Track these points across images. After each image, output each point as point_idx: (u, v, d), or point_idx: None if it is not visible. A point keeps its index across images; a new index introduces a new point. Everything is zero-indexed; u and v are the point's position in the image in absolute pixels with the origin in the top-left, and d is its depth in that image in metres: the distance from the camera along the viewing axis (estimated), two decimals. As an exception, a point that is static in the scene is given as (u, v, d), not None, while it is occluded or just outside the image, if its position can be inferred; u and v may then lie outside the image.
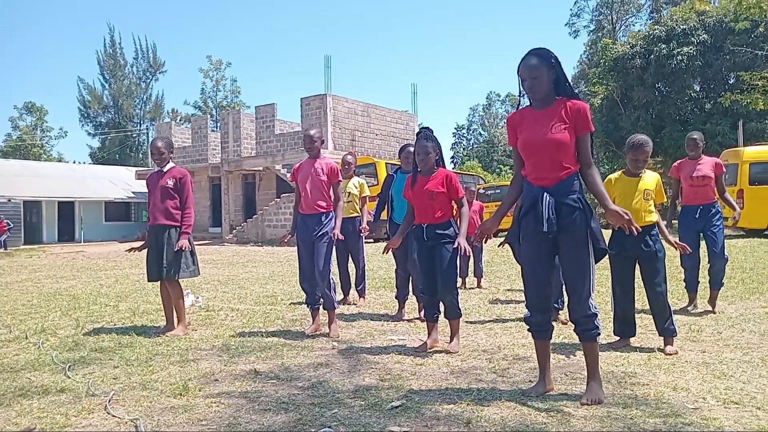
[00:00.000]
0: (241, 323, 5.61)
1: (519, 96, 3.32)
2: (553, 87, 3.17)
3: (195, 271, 5.33)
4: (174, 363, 4.14)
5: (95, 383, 3.66)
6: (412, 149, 5.67)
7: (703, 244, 5.81)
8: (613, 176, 4.54)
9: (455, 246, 4.20)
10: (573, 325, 3.29)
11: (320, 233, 4.92)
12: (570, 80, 3.28)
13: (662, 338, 4.30)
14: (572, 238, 3.12)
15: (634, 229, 3.05)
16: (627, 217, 3.01)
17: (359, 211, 6.73)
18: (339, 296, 6.62)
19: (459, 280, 7.76)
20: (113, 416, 3.06)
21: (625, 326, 4.45)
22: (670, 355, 4.07)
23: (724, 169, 5.76)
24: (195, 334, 5.13)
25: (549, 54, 3.14)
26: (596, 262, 3.19)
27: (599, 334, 3.23)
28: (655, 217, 4.38)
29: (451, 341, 4.39)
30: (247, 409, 3.14)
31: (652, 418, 2.88)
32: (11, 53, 75.17)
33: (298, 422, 2.92)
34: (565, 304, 3.32)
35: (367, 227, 6.57)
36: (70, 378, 3.80)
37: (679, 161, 5.99)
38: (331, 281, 4.99)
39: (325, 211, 4.99)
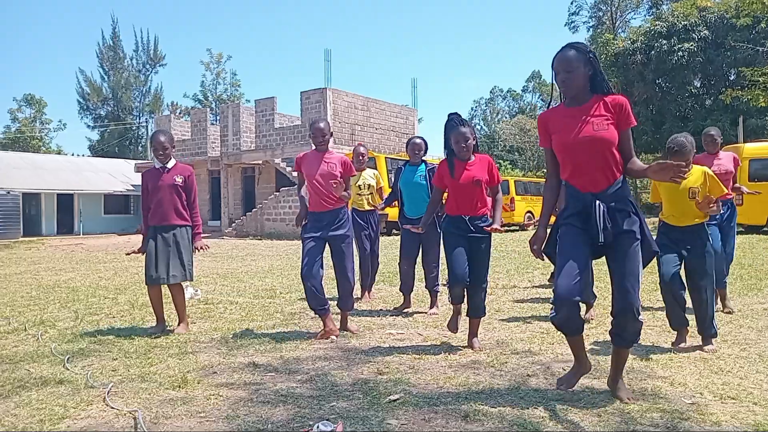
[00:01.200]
0: (240, 316, 5.62)
1: (551, 92, 3.16)
2: (590, 83, 3.01)
3: (192, 275, 5.13)
4: (173, 355, 4.14)
5: (94, 375, 3.67)
6: (418, 140, 5.70)
7: None
8: None
9: (490, 234, 4.18)
10: (614, 332, 3.11)
11: (342, 234, 4.70)
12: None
13: (700, 337, 4.20)
14: (627, 245, 2.95)
15: (681, 169, 2.70)
16: (668, 163, 2.74)
17: (377, 201, 6.53)
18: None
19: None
20: (112, 408, 3.06)
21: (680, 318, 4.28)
22: (708, 352, 4.02)
23: (741, 163, 5.70)
24: (194, 327, 5.14)
25: (586, 48, 3.00)
26: (645, 266, 3.06)
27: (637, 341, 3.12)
28: (703, 218, 4.21)
29: (473, 338, 4.29)
30: (245, 401, 3.15)
31: (649, 412, 2.89)
32: (10, 45, 74.97)
33: (297, 415, 2.93)
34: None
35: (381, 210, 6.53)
36: (69, 370, 3.81)
37: (696, 156, 5.89)
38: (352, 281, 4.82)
39: (340, 206, 4.72)
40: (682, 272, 4.27)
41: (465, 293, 4.26)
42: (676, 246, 4.22)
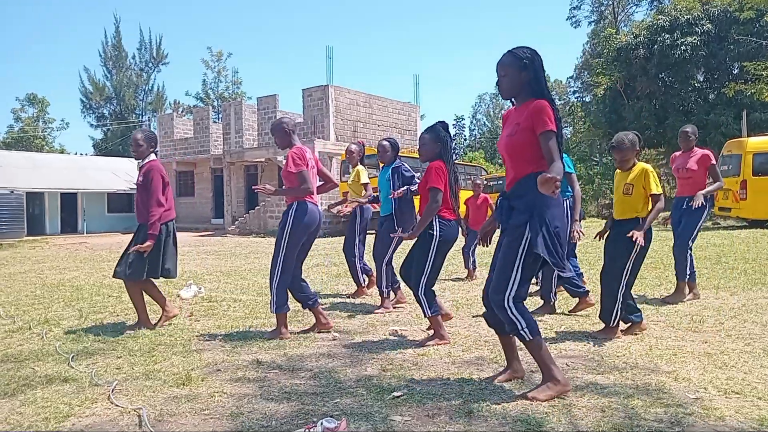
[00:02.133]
0: (243, 314, 5.63)
1: (503, 98, 3.27)
2: (529, 88, 3.06)
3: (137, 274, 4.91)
4: (177, 353, 4.15)
5: (98, 373, 3.68)
6: (384, 142, 5.77)
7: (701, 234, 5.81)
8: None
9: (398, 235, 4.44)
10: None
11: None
12: (573, 70, 3.25)
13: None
14: (509, 237, 3.08)
15: (556, 183, 2.64)
16: (546, 176, 2.65)
17: (358, 197, 6.63)
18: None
19: (465, 271, 7.74)
20: (117, 406, 3.08)
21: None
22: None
23: (713, 161, 5.72)
24: (198, 325, 5.15)
25: (524, 54, 3.03)
26: (534, 270, 3.11)
27: (522, 333, 3.08)
28: (634, 214, 4.33)
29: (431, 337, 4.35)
30: (249, 398, 3.15)
31: (653, 408, 2.89)
32: (13, 45, 75.10)
33: (301, 411, 2.93)
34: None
35: (342, 210, 6.48)
36: (73, 368, 3.82)
37: (673, 154, 6.11)
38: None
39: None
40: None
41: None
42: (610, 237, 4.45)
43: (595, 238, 4.80)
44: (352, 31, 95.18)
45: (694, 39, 24.99)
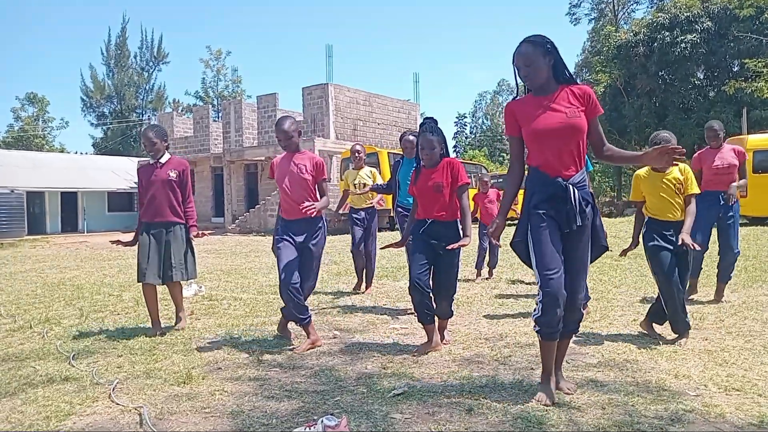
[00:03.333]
0: (244, 312, 5.64)
1: (516, 86, 3.15)
2: (552, 73, 3.04)
3: (194, 272, 4.94)
4: (178, 352, 4.16)
5: (99, 372, 3.69)
6: (411, 137, 5.64)
7: (714, 232, 5.74)
8: (641, 172, 4.34)
9: (458, 245, 3.88)
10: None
11: (313, 243, 4.29)
12: (573, 68, 3.22)
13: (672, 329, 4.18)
14: (583, 235, 3.01)
15: (678, 151, 2.72)
16: (668, 147, 2.77)
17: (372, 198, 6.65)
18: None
19: (475, 270, 7.71)
20: (117, 404, 3.08)
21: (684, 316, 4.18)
22: (673, 344, 4.03)
23: (747, 156, 5.62)
24: (198, 324, 5.16)
25: (544, 40, 3.01)
26: (593, 260, 3.11)
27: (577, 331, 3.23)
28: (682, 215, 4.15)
29: (440, 335, 4.16)
30: (250, 396, 3.16)
31: (653, 405, 2.89)
32: (12, 44, 75.06)
33: (301, 409, 2.94)
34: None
35: (380, 203, 6.55)
36: (74, 367, 3.83)
37: (699, 152, 5.81)
38: None
39: (317, 216, 4.27)
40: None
41: (431, 303, 4.02)
42: (666, 240, 4.14)
43: (621, 255, 4.43)
44: (351, 29, 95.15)
45: (694, 36, 24.95)
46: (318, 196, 4.33)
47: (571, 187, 2.95)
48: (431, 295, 4.04)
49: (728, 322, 4.68)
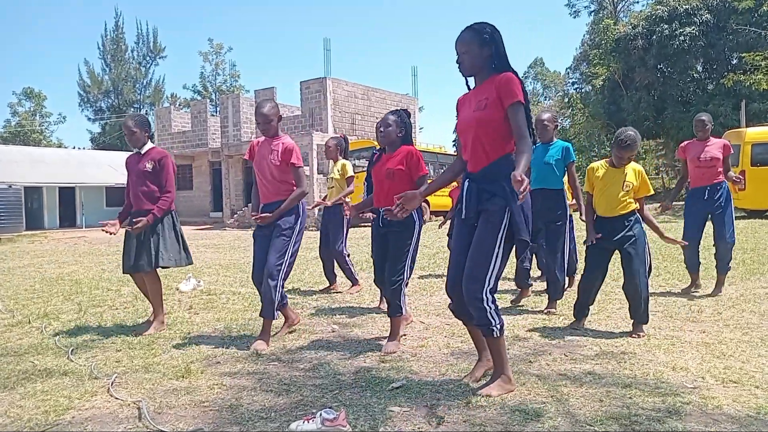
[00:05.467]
0: (242, 306, 5.64)
1: (465, 79, 3.08)
2: (490, 64, 2.96)
3: (182, 259, 4.73)
4: (176, 346, 4.16)
5: (98, 366, 3.69)
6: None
7: (708, 225, 5.77)
8: (596, 165, 4.39)
9: (413, 235, 3.85)
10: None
11: (280, 222, 4.15)
12: (572, 61, 3.14)
13: (632, 322, 4.24)
14: (485, 223, 2.92)
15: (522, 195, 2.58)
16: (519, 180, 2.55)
17: (337, 195, 6.27)
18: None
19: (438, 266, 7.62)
20: (116, 398, 3.08)
21: (584, 308, 4.48)
22: (636, 338, 4.05)
23: (732, 151, 5.68)
24: (197, 318, 5.16)
25: (483, 28, 2.93)
26: (520, 254, 3.06)
27: (493, 330, 2.95)
28: (634, 205, 4.26)
29: (389, 339, 3.97)
30: (249, 390, 3.16)
31: (651, 397, 2.90)
32: (8, 38, 74.74)
33: (300, 403, 2.94)
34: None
35: (347, 210, 5.55)
36: (73, 361, 3.83)
37: (685, 142, 5.90)
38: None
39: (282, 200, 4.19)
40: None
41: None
42: (607, 234, 4.25)
43: (584, 243, 4.48)
44: (349, 23, 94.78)
45: (693, 29, 24.91)
46: (293, 182, 4.22)
47: (467, 181, 2.99)
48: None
49: (726, 314, 4.70)
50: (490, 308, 2.91)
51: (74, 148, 45.96)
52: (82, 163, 31.40)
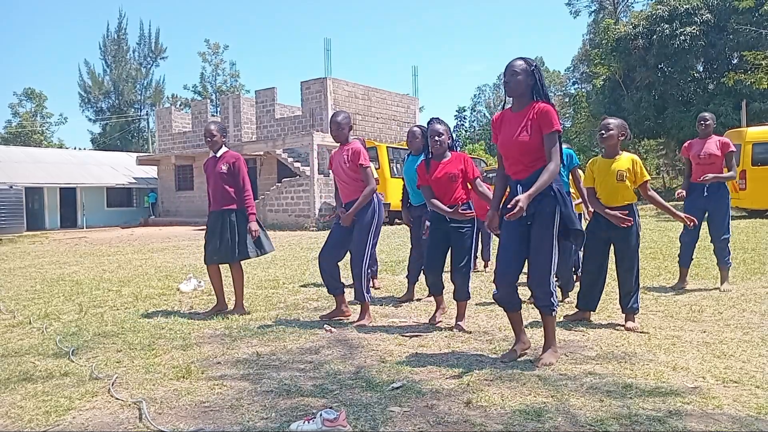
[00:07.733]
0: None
1: (504, 97, 3.60)
2: (530, 93, 3.46)
3: (262, 249, 5.31)
4: (177, 347, 4.16)
5: (99, 367, 3.69)
6: (415, 128, 5.59)
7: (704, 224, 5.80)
8: (593, 159, 4.64)
9: (473, 230, 4.41)
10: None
11: (360, 223, 4.74)
12: (572, 61, 3.47)
13: (624, 315, 4.43)
14: (540, 222, 3.41)
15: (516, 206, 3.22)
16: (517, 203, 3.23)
17: None
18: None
19: (481, 262, 7.72)
20: (117, 399, 3.09)
21: (588, 300, 4.61)
22: (629, 330, 4.23)
23: (732, 148, 5.75)
24: (197, 318, 5.16)
25: (531, 62, 3.48)
26: (580, 245, 3.60)
27: (554, 310, 3.52)
28: (632, 197, 4.40)
29: (457, 320, 4.49)
30: (249, 391, 3.16)
31: (651, 397, 2.89)
32: (9, 39, 74.78)
33: (300, 403, 2.94)
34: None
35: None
36: (73, 362, 3.83)
37: (689, 141, 6.06)
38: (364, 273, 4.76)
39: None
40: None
41: (441, 282, 4.65)
42: (603, 226, 4.41)
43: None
44: (350, 23, 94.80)
45: (693, 29, 24.90)
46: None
47: (518, 186, 3.46)
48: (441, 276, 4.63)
49: (726, 314, 4.69)
50: (554, 293, 3.50)
51: (75, 148, 46.03)
52: (83, 163, 31.45)
